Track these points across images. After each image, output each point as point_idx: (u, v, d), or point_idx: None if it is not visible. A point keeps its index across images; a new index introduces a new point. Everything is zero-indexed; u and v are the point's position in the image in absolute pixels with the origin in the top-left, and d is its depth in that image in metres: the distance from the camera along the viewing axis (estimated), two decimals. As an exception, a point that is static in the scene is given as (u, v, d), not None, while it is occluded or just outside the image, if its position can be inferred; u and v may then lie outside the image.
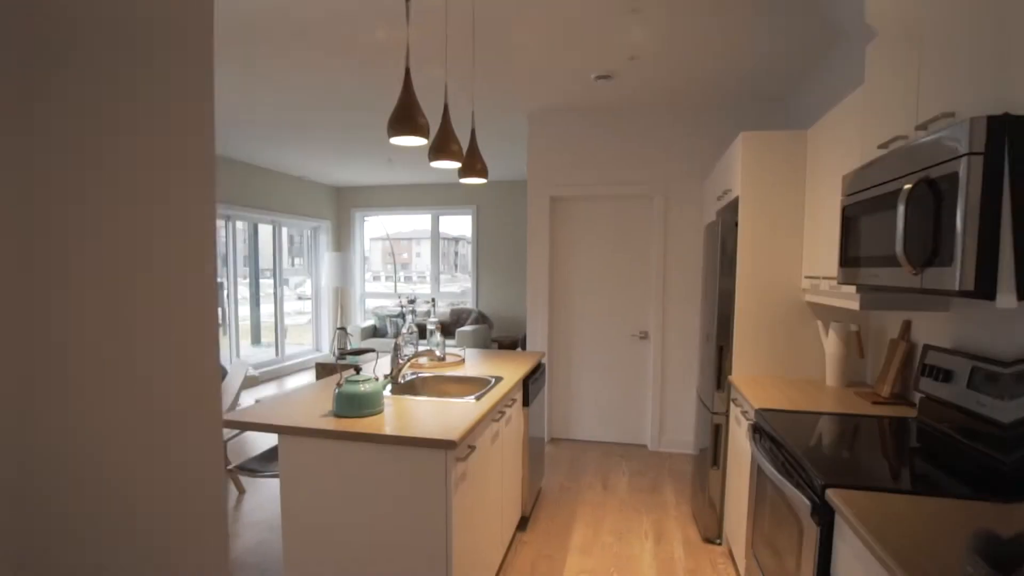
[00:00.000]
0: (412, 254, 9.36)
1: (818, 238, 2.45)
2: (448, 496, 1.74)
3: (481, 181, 2.91)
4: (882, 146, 1.78)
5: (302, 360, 7.72)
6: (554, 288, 4.49)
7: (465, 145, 4.72)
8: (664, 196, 4.21)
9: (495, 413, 2.30)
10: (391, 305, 8.12)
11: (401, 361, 2.49)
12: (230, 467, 2.28)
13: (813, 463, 1.48)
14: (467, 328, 6.68)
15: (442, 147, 2.49)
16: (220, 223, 6.52)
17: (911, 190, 1.44)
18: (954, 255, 1.28)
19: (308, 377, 7.15)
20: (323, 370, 5.76)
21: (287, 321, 7.97)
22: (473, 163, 2.85)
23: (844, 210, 1.96)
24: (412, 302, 5.94)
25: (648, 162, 4.24)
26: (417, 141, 2.26)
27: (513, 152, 5.89)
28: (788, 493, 1.56)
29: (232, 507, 3.15)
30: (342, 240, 8.42)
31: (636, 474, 3.77)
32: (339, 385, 2.00)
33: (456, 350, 3.42)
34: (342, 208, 8.39)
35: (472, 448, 1.93)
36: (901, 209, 1.43)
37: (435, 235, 8.09)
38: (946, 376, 1.81)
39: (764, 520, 1.93)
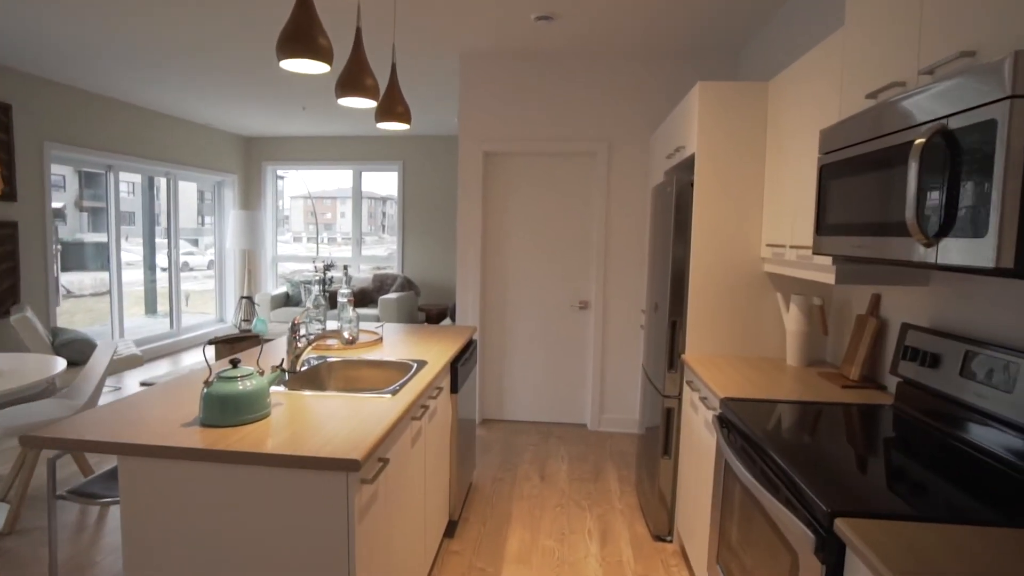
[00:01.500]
0: (336, 214, 8.68)
1: (782, 202, 2.18)
2: (350, 529, 1.34)
3: (403, 127, 2.43)
4: (871, 95, 1.49)
5: (203, 333, 6.95)
6: (487, 254, 4.09)
7: (384, 83, 4.13)
8: (608, 153, 3.86)
9: (416, 409, 1.91)
10: (310, 270, 7.45)
11: (299, 345, 2.03)
12: (59, 494, 1.77)
13: (811, 482, 1.19)
14: (391, 295, 6.17)
15: (353, 81, 1.99)
16: (99, 173, 5.59)
17: (925, 144, 1.14)
18: (988, 224, 1.00)
19: (208, 352, 6.42)
20: (222, 347, 5.11)
21: (195, 287, 7.15)
22: (392, 105, 2.36)
23: (822, 170, 1.67)
24: (328, 268, 5.35)
25: (592, 116, 3.87)
26: (316, 68, 1.76)
27: (444, 104, 5.35)
28: (775, 511, 1.28)
29: (92, 524, 2.60)
30: (251, 196, 7.57)
31: (576, 459, 3.52)
32: (207, 384, 1.53)
33: (372, 326, 2.97)
34: (251, 161, 7.51)
35: (384, 461, 1.53)
36: (913, 167, 1.14)
37: (357, 193, 7.43)
38: (933, 361, 1.59)
39: (733, 527, 1.67)
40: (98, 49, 3.94)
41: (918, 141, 1.13)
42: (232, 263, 7.38)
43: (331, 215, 8.93)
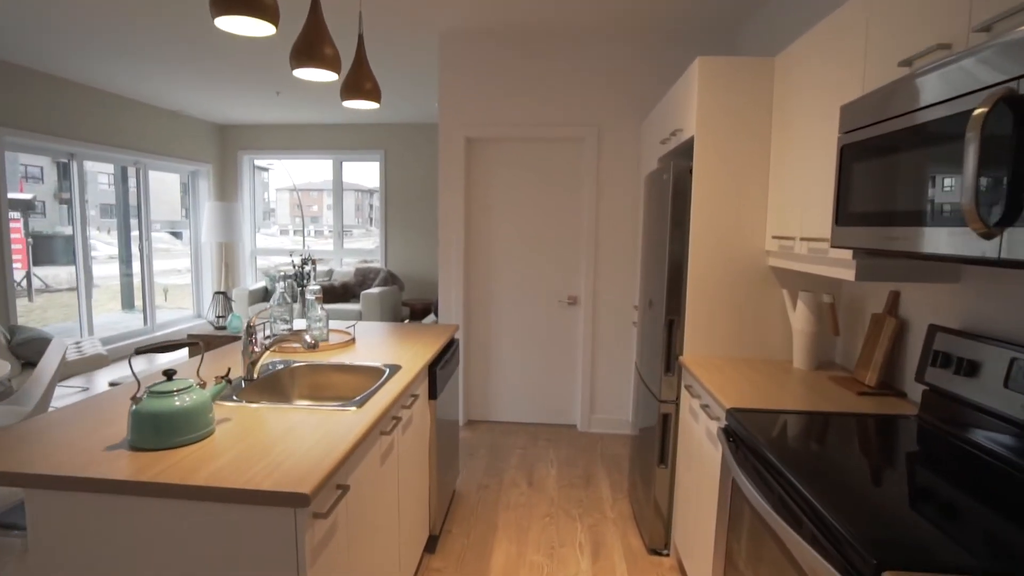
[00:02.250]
0: (323, 206, 8.48)
1: (790, 189, 1.99)
2: (301, 572, 1.13)
3: (371, 106, 2.20)
4: (905, 63, 1.30)
5: (179, 329, 6.68)
6: (470, 246, 3.87)
7: (350, 56, 3.88)
8: (597, 139, 3.65)
9: (387, 422, 1.70)
10: (290, 263, 7.17)
11: (256, 349, 1.81)
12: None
13: (849, 523, 1.00)
14: (373, 290, 5.94)
15: (309, 49, 1.76)
16: (63, 161, 5.28)
17: (987, 114, 0.94)
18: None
19: (182, 352, 6.16)
20: (194, 349, 4.86)
21: (176, 281, 6.90)
22: (359, 80, 2.13)
23: (843, 151, 1.48)
24: (306, 262, 5.11)
25: (580, 99, 3.66)
26: (259, 28, 1.52)
27: (425, 90, 5.10)
28: (799, 550, 1.09)
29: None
30: (227, 187, 7.27)
31: (566, 464, 3.33)
32: (135, 400, 1.31)
33: (344, 325, 2.75)
34: (227, 150, 7.21)
35: (344, 489, 1.32)
36: (973, 142, 0.94)
37: (338, 183, 7.16)
38: (970, 368, 1.41)
39: (740, 549, 1.49)
40: (53, 26, 3.65)
41: (978, 111, 0.93)
42: (209, 257, 7.09)
43: (318, 207, 8.71)
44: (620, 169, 3.67)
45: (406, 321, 4.13)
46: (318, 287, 2.45)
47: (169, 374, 1.37)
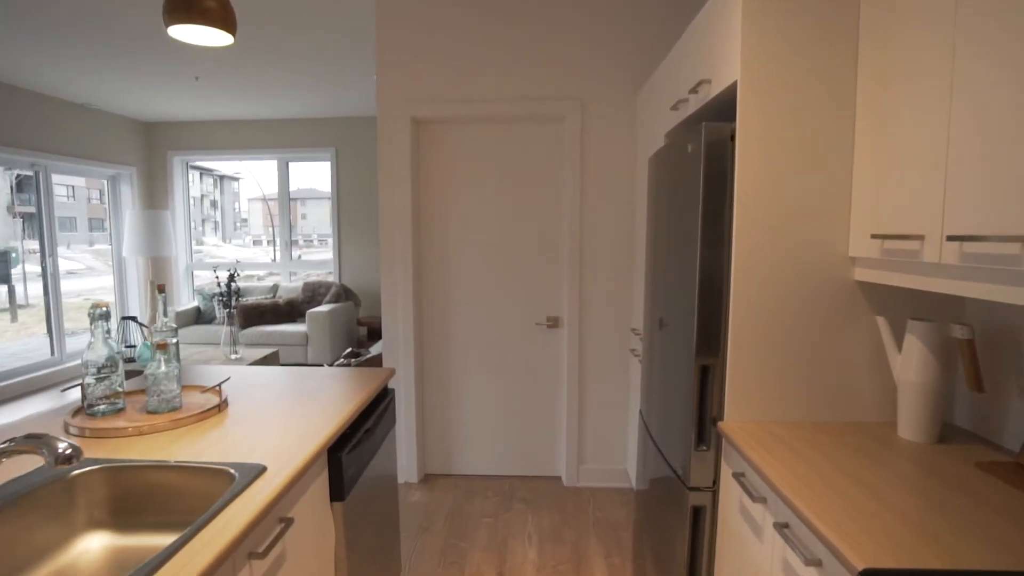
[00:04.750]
0: (297, 215, 7.92)
1: (909, 154, 1.23)
2: None
3: (219, 37, 1.38)
4: None
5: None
6: (422, 256, 3.06)
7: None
8: (580, 117, 2.88)
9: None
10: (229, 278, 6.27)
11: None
12: None
13: None
14: (323, 308, 5.08)
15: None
16: (30, 175, 4.36)
17: None
18: None
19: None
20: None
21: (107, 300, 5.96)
22: (199, -4, 1.30)
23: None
24: (232, 277, 4.25)
25: (559, 67, 2.87)
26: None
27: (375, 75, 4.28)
28: None
29: None
30: (156, 193, 6.34)
31: (549, 538, 2.52)
32: None
33: (226, 371, 1.86)
34: (155, 151, 6.29)
35: None
36: None
37: (283, 186, 6.29)
38: None
39: None
40: None
41: None
42: (136, 273, 6.15)
43: (292, 216, 8.15)
44: (611, 154, 2.90)
45: (346, 354, 3.31)
46: (170, 323, 1.62)
47: None
